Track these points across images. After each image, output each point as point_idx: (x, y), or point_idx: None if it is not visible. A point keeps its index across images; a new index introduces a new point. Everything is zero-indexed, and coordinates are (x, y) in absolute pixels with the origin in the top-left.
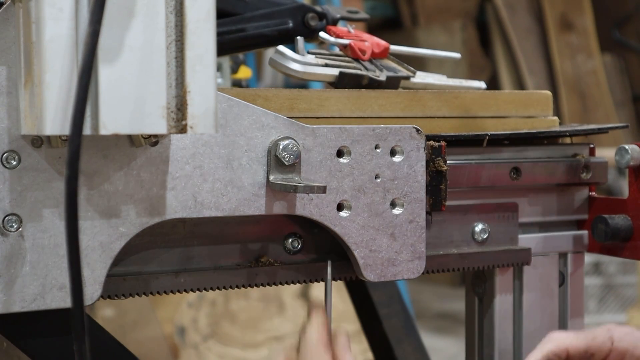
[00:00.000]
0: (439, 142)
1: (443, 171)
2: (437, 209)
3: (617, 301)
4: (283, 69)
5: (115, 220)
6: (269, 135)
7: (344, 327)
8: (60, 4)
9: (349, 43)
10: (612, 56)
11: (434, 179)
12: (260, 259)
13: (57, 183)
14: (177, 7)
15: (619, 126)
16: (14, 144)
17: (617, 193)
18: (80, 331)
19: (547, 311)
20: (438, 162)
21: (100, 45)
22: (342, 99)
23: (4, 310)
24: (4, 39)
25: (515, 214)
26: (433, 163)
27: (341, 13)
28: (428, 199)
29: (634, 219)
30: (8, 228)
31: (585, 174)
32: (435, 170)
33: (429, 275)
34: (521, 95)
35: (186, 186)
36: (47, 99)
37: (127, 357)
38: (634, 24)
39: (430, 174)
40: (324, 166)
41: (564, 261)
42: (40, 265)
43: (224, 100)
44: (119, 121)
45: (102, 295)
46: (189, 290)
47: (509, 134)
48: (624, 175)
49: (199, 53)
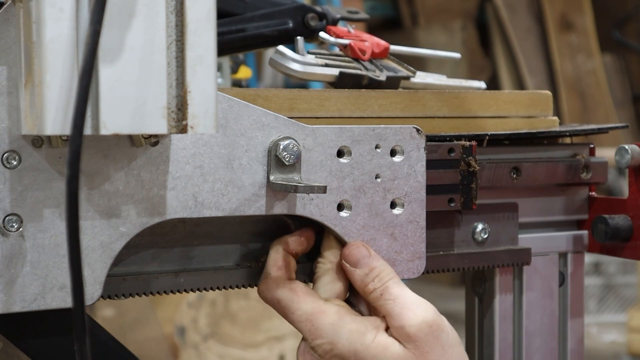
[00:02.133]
0: (470, 142)
1: (474, 171)
2: (468, 207)
3: (617, 301)
4: (283, 69)
5: (115, 220)
6: (269, 135)
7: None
8: (61, 4)
9: (349, 43)
10: (612, 56)
11: (465, 178)
12: (260, 259)
13: (58, 183)
14: (177, 7)
15: (619, 126)
16: (15, 144)
17: (617, 193)
18: (81, 331)
19: (547, 311)
20: (470, 161)
21: (101, 46)
22: (342, 99)
23: (4, 310)
24: (4, 39)
25: (515, 214)
26: (465, 162)
27: (341, 13)
28: (459, 197)
29: (634, 219)
30: (8, 228)
31: (585, 174)
32: (467, 170)
33: (429, 275)
34: (521, 95)
35: (186, 186)
36: (47, 99)
37: (127, 357)
38: (634, 24)
39: (461, 173)
40: (324, 166)
41: (564, 261)
42: (41, 265)
43: (224, 100)
44: (119, 121)
45: (102, 295)
46: (189, 290)
47: (509, 134)
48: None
49: (199, 53)
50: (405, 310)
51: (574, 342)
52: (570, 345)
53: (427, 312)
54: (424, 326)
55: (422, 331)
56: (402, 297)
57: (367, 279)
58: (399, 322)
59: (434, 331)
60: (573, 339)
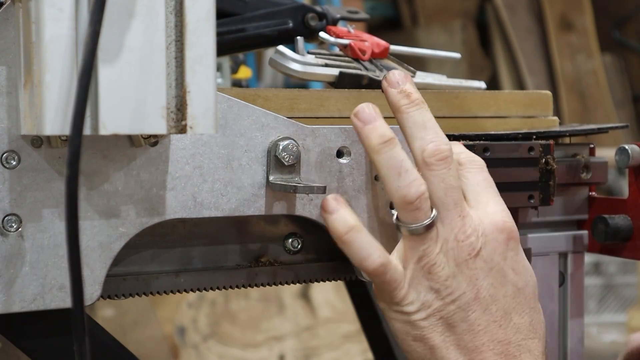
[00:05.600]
0: (547, 140)
1: (552, 169)
2: (546, 204)
3: (617, 301)
4: (283, 69)
5: (115, 220)
6: (268, 136)
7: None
8: (60, 4)
9: (349, 43)
10: (612, 56)
11: (544, 175)
12: (260, 259)
13: (57, 183)
14: (176, 7)
15: (619, 126)
16: (14, 144)
17: (617, 193)
18: (81, 331)
19: (547, 311)
20: (548, 159)
21: (100, 46)
22: (342, 99)
23: (3, 310)
24: (3, 39)
25: (515, 214)
26: (544, 161)
27: (341, 13)
28: (538, 194)
29: (634, 219)
30: (8, 228)
31: (585, 174)
32: (545, 167)
33: None
34: (521, 95)
35: (186, 186)
36: (47, 99)
37: (127, 357)
38: (634, 24)
39: (540, 171)
40: (323, 166)
41: (564, 261)
42: (40, 265)
43: (223, 100)
44: (118, 121)
45: (102, 295)
46: (189, 290)
47: (508, 133)
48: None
49: (199, 53)
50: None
51: (574, 342)
52: (570, 345)
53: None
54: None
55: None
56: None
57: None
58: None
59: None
60: (573, 339)
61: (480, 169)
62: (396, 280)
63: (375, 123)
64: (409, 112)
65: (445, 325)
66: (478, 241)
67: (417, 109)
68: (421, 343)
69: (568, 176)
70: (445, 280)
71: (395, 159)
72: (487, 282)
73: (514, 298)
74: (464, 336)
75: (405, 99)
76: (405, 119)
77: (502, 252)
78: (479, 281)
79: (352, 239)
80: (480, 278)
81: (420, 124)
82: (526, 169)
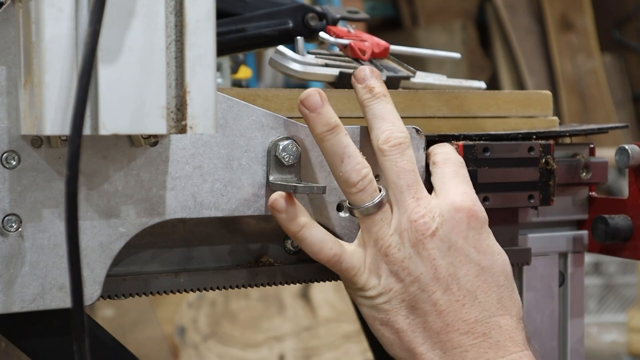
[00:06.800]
0: (547, 140)
1: (552, 169)
2: (546, 203)
3: (617, 301)
4: (283, 69)
5: (114, 220)
6: (268, 136)
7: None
8: (60, 4)
9: (349, 43)
10: (612, 56)
11: (544, 175)
12: (260, 259)
13: (57, 183)
14: (176, 7)
15: (619, 126)
16: (14, 144)
17: (617, 193)
18: (80, 331)
19: (547, 311)
20: (548, 159)
21: (100, 46)
22: (342, 99)
23: (3, 311)
24: (3, 39)
25: (515, 214)
26: (543, 161)
27: (341, 13)
28: (538, 194)
29: (634, 219)
30: (7, 228)
31: (585, 174)
32: (545, 167)
33: None
34: (521, 95)
35: (186, 186)
36: (46, 99)
37: (127, 357)
38: (634, 24)
39: (540, 171)
40: (324, 166)
41: (564, 261)
42: (40, 265)
43: (223, 100)
44: (118, 121)
45: (102, 295)
46: (189, 290)
47: (508, 133)
48: (624, 175)
49: (199, 53)
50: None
51: (574, 342)
52: (570, 345)
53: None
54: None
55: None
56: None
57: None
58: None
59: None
60: (573, 339)
61: (452, 164)
62: (354, 267)
63: (321, 110)
64: (369, 105)
65: (408, 308)
66: (434, 221)
67: (377, 102)
68: (388, 327)
69: (568, 176)
70: (402, 261)
71: (338, 145)
72: (446, 262)
73: (477, 276)
74: (428, 317)
75: (368, 93)
76: (366, 112)
77: (461, 232)
78: (436, 261)
79: (304, 235)
80: (437, 258)
81: (379, 116)
82: (526, 169)
